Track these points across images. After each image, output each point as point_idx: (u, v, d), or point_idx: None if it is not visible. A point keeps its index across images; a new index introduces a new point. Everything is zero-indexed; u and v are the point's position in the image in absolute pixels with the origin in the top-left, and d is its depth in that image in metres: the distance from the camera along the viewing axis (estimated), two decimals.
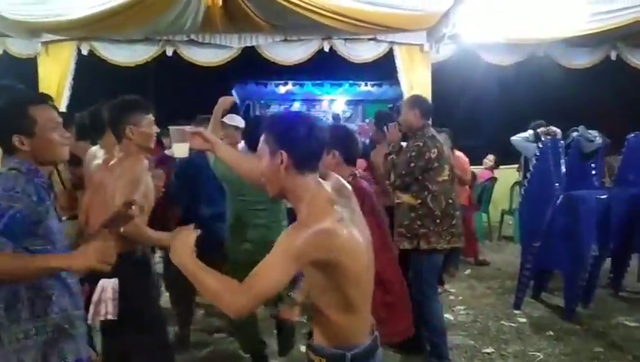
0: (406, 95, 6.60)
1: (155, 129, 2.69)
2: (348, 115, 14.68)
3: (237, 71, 9.37)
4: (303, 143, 1.66)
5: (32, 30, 6.14)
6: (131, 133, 2.60)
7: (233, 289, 1.58)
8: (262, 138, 1.72)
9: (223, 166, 2.94)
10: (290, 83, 12.93)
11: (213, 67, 6.94)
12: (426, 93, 6.49)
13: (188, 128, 2.25)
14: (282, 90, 13.21)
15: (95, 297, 2.43)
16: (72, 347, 1.96)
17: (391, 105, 14.42)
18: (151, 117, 2.67)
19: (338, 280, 1.63)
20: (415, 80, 6.62)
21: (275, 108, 14.46)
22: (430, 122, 3.78)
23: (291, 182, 1.67)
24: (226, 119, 4.06)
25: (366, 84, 12.82)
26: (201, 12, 5.44)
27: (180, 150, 2.32)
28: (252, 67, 9.02)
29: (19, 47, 6.57)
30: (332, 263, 1.60)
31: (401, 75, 6.67)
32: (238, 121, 3.97)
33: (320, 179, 1.73)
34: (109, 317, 2.43)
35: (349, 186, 1.84)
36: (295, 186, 1.67)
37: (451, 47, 6.80)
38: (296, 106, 14.69)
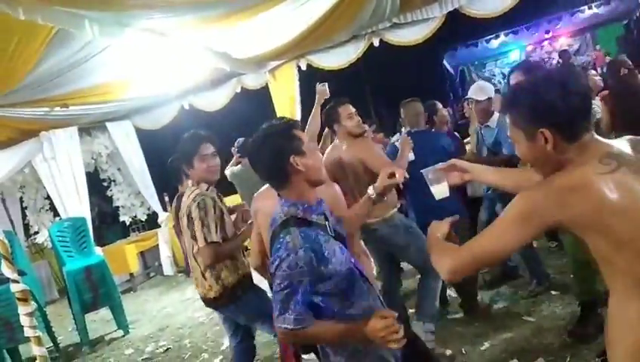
0: None
1: None
2: (576, 47, 13.15)
3: (444, 39, 9.09)
4: (563, 108, 1.35)
5: (259, 63, 6.92)
6: None
7: (452, 252, 1.54)
8: (509, 121, 1.49)
9: None
10: (502, 34, 12.07)
11: (419, 44, 6.88)
12: None
13: (439, 166, 2.12)
14: (495, 44, 12.40)
15: None
16: None
17: (626, 22, 12.48)
18: None
19: (608, 250, 1.32)
20: None
21: (491, 67, 13.73)
22: None
23: (565, 156, 1.39)
24: (473, 94, 4.09)
25: (590, 7, 11.28)
26: None
27: (440, 191, 2.12)
28: (459, 30, 8.67)
29: (252, 81, 7.47)
30: (591, 225, 1.31)
31: None
32: (489, 91, 3.94)
33: (598, 137, 1.40)
34: None
35: None
36: (571, 159, 1.39)
37: None
38: (515, 56, 13.69)
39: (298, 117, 7.07)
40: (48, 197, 7.42)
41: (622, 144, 1.43)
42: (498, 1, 6.26)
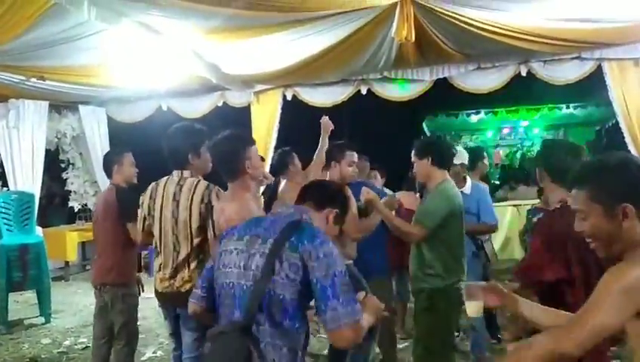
0: (620, 115, 5.96)
1: None
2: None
3: (427, 103, 9.37)
4: None
5: (247, 82, 6.97)
6: None
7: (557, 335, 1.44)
8: (579, 195, 1.51)
9: None
10: (482, 111, 12.53)
11: (404, 101, 7.07)
12: None
13: (481, 284, 2.12)
14: (474, 119, 12.86)
15: None
16: None
17: (598, 128, 13.15)
18: None
19: None
20: (630, 97, 5.91)
21: (466, 139, 14.13)
22: None
23: (632, 234, 1.43)
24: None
25: (568, 107, 11.85)
26: (395, 49, 5.59)
27: (473, 310, 2.08)
28: (443, 98, 8.95)
29: (235, 98, 7.49)
30: None
31: (613, 94, 6.00)
32: (462, 157, 4.09)
33: None
34: None
35: None
36: (636, 237, 1.43)
37: None
38: (490, 135, 14.21)
39: (272, 143, 7.12)
40: (0, 166, 7.17)
41: None
42: (486, 81, 6.55)
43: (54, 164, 8.43)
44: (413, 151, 3.33)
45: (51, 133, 7.74)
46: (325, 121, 4.13)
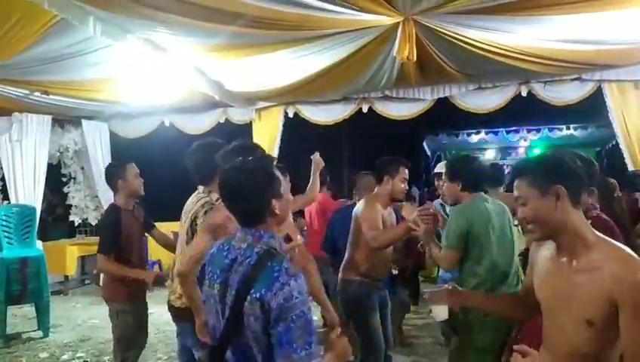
0: (620, 136, 5.99)
1: None
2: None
3: (428, 122, 9.43)
4: (577, 173, 1.67)
5: (249, 99, 7.02)
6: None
7: None
8: (521, 184, 1.73)
9: None
10: (482, 131, 12.58)
11: (406, 120, 7.11)
12: None
13: (443, 288, 2.24)
14: (475, 138, 12.90)
15: None
16: None
17: (598, 149, 13.20)
18: None
19: None
20: (629, 119, 5.94)
21: None
22: None
23: (565, 217, 1.66)
24: (439, 168, 4.31)
25: (568, 128, 11.91)
26: (396, 68, 5.63)
27: (438, 313, 2.30)
28: (443, 118, 9.01)
29: (237, 115, 7.53)
30: None
31: (613, 115, 6.03)
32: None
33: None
34: None
35: None
36: (571, 222, 1.67)
37: None
38: (490, 154, 14.26)
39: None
40: (2, 179, 7.18)
41: None
42: (487, 101, 6.59)
43: (56, 178, 8.45)
44: (444, 171, 3.34)
45: (54, 147, 7.78)
46: (316, 158, 4.09)
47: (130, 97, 6.55)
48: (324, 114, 7.23)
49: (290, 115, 7.30)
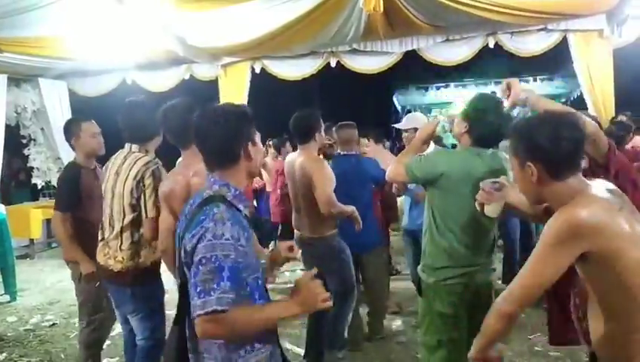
0: (584, 86, 6.05)
1: None
2: (515, 114, 13.98)
3: (398, 76, 9.40)
4: (552, 149, 1.52)
5: (214, 55, 6.83)
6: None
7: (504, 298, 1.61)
8: (511, 148, 1.66)
9: None
10: (451, 85, 12.62)
11: (375, 74, 7.04)
12: (608, 83, 5.94)
13: (498, 185, 2.11)
14: (444, 92, 12.94)
15: None
16: None
17: (564, 100, 13.41)
18: None
19: (616, 273, 1.46)
20: (594, 69, 6.00)
21: (436, 113, 14.25)
22: None
23: (549, 190, 1.58)
24: (400, 125, 4.24)
25: (535, 80, 12.02)
26: (363, 20, 5.53)
27: (492, 210, 2.15)
28: (413, 71, 8.98)
29: (202, 71, 7.34)
30: (604, 251, 1.45)
31: (578, 65, 6.08)
32: (415, 122, 4.03)
33: (585, 179, 1.59)
34: None
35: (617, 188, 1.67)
36: (554, 194, 1.57)
37: (636, 29, 6.04)
38: (459, 108, 14.38)
39: None
40: None
41: (600, 188, 1.60)
42: (454, 53, 6.55)
43: (15, 140, 8.17)
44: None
45: (11, 108, 7.48)
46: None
47: (86, 54, 6.27)
48: (291, 69, 7.10)
49: (257, 71, 7.15)
